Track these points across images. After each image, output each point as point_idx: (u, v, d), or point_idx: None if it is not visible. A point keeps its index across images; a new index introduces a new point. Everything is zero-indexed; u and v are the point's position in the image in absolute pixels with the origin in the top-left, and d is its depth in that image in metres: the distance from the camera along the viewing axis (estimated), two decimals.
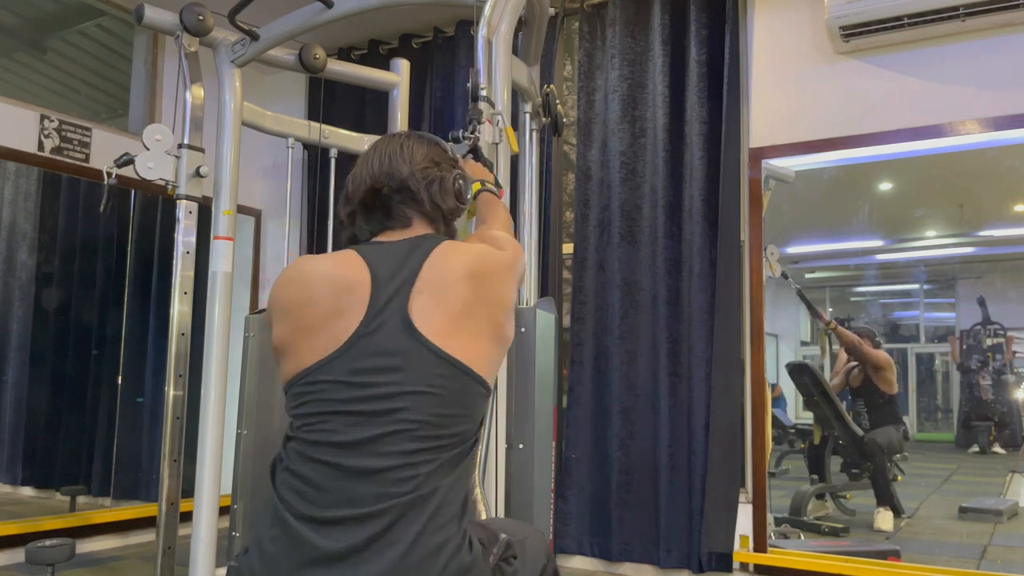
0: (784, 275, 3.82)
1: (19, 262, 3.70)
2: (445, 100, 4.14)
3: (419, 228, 1.38)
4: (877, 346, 4.09)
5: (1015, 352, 3.99)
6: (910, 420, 4.23)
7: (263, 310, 1.32)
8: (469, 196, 1.48)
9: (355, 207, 1.42)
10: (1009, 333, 3.95)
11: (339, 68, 3.03)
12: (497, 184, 1.69)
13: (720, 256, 3.34)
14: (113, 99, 4.26)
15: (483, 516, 1.86)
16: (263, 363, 2.72)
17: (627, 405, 3.47)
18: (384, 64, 3.25)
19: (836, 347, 4.28)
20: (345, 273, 1.27)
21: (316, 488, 1.16)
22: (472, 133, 1.80)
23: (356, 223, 1.43)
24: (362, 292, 1.25)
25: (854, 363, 4.09)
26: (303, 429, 1.22)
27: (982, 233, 3.78)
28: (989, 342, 4.01)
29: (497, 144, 1.98)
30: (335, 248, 2.88)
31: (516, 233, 2.79)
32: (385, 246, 1.33)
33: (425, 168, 1.39)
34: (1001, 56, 3.06)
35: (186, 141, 2.70)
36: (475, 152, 1.78)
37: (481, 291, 1.26)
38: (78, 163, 3.76)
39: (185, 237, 2.69)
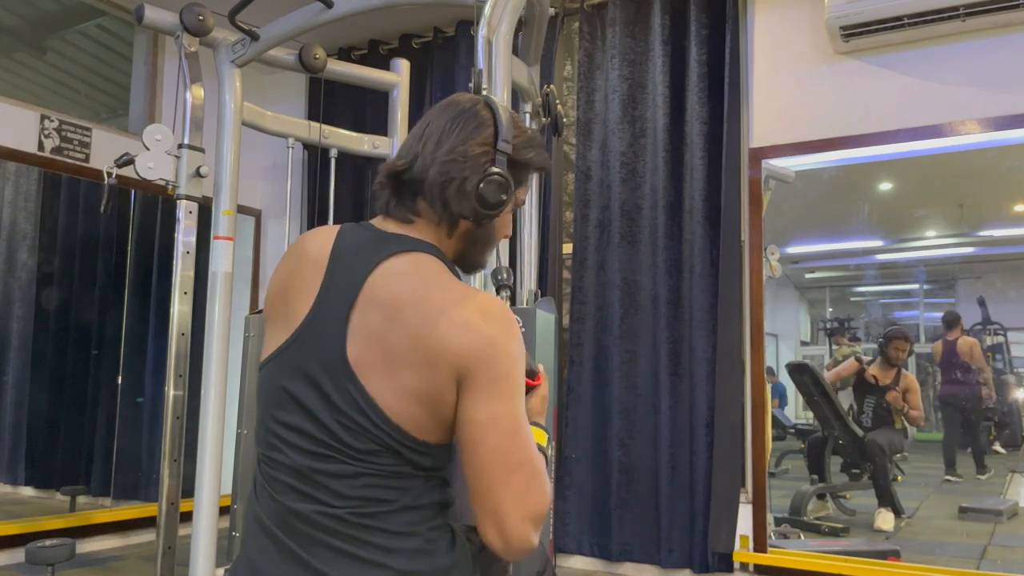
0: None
1: (19, 262, 3.70)
2: None
3: (419, 228, 1.17)
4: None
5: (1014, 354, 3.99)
6: None
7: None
8: (504, 199, 1.14)
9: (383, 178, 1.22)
10: (1009, 333, 3.94)
11: (339, 68, 3.04)
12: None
13: (722, 256, 3.34)
14: (113, 99, 4.26)
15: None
16: None
17: (627, 405, 3.47)
18: (384, 64, 3.25)
19: (835, 347, 4.28)
20: (311, 249, 1.17)
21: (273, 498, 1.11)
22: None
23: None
24: (315, 277, 1.13)
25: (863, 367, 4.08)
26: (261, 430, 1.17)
27: (982, 233, 3.78)
28: (989, 342, 4.01)
29: None
30: None
31: (516, 233, 2.80)
32: (367, 233, 1.17)
33: (449, 161, 1.13)
34: (1001, 56, 3.06)
35: (186, 141, 2.70)
36: None
37: (423, 353, 1.03)
38: (78, 163, 3.75)
39: (185, 237, 2.69)
